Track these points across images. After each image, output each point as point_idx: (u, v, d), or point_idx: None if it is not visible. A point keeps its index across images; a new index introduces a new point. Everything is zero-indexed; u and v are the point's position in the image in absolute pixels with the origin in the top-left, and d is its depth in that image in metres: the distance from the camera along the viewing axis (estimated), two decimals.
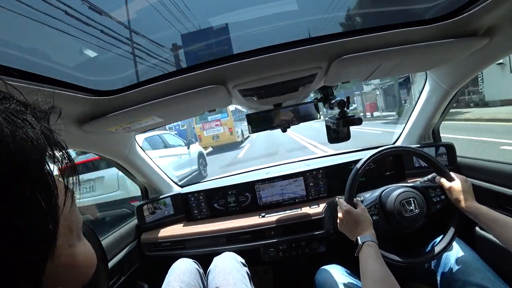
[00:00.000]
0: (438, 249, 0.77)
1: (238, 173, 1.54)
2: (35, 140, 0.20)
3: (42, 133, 0.21)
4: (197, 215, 1.29)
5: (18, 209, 0.18)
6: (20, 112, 0.20)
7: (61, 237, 0.22)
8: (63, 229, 0.23)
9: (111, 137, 0.98)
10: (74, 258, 0.25)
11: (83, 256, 0.26)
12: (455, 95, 1.05)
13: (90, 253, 0.28)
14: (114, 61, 0.80)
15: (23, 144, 0.19)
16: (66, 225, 0.24)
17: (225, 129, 11.79)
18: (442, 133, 1.25)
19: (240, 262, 0.90)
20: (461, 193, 0.75)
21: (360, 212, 0.77)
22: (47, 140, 0.21)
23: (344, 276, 0.83)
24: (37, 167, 0.20)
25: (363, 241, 0.68)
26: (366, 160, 0.83)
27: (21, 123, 0.19)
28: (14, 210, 0.18)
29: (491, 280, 0.69)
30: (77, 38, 0.71)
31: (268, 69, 0.70)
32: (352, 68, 0.74)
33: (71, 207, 0.24)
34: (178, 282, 0.78)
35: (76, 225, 0.26)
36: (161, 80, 0.68)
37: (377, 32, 0.63)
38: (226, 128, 11.79)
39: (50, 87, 0.56)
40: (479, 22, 0.63)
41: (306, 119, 0.96)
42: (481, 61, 0.81)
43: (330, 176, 1.23)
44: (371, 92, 18.06)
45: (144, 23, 0.73)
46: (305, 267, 1.12)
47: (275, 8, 0.77)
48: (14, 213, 0.18)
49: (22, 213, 0.18)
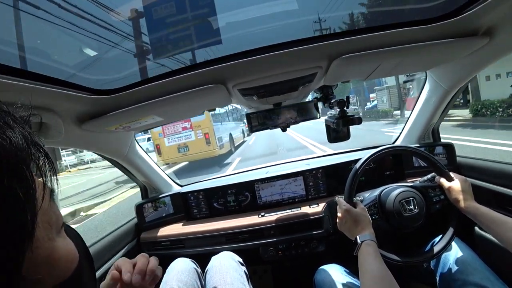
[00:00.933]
0: (437, 249, 0.77)
1: (237, 172, 1.54)
2: (13, 139, 0.22)
3: (20, 134, 0.23)
4: (196, 214, 1.30)
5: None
6: (1, 116, 0.23)
7: (40, 230, 0.24)
8: (42, 223, 0.25)
9: (111, 136, 0.98)
10: (53, 251, 0.26)
11: (63, 250, 0.28)
12: (455, 95, 1.05)
13: (70, 249, 0.29)
14: (114, 60, 0.80)
15: (1, 142, 0.21)
16: (45, 220, 0.26)
17: (198, 135, 7.41)
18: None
19: (237, 262, 0.90)
20: (461, 193, 0.75)
21: (359, 211, 0.77)
22: (25, 140, 0.23)
23: (343, 276, 0.84)
24: (15, 162, 0.22)
25: (362, 240, 0.68)
26: (366, 160, 0.83)
27: (2, 125, 0.22)
28: None
29: (490, 279, 0.69)
30: (77, 38, 0.71)
31: (268, 69, 0.69)
32: (352, 68, 0.74)
33: (49, 203, 0.26)
34: (176, 282, 0.78)
35: (56, 221, 0.28)
36: (161, 79, 0.68)
37: (377, 31, 0.63)
38: (200, 133, 7.40)
39: (50, 86, 0.56)
40: (479, 21, 0.63)
41: (306, 119, 0.96)
42: (481, 61, 0.81)
43: (330, 176, 1.23)
44: (402, 85, 14.41)
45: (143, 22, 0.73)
46: (305, 266, 1.12)
47: (275, 7, 0.77)
48: None
49: (0, 202, 0.20)
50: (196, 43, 0.77)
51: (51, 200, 0.27)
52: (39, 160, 0.25)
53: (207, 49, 0.74)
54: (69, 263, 0.28)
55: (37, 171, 0.25)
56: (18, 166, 0.22)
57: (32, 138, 0.25)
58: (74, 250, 0.30)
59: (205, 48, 0.75)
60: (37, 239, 0.23)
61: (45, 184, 0.26)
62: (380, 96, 17.65)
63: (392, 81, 15.21)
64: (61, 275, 0.27)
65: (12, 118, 0.24)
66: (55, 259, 0.26)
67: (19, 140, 0.23)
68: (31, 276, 0.23)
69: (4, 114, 0.23)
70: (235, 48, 0.67)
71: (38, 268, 0.24)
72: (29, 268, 0.23)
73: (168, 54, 0.77)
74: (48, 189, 0.26)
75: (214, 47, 0.73)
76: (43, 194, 0.25)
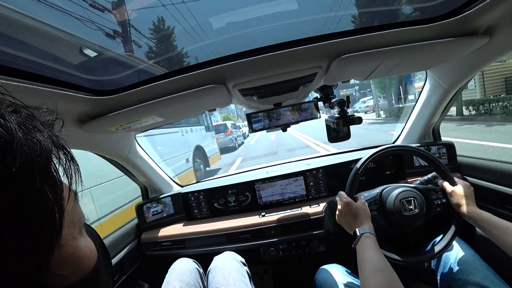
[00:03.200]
0: (438, 249, 0.77)
1: (238, 172, 1.54)
2: (43, 142, 0.23)
3: (48, 137, 0.24)
4: (197, 214, 1.30)
5: (29, 198, 0.21)
6: (29, 119, 0.24)
7: (65, 229, 0.25)
8: (67, 222, 0.26)
9: (111, 137, 0.98)
10: (77, 249, 0.28)
11: (85, 249, 0.29)
12: (455, 94, 1.05)
13: (91, 247, 0.31)
14: (114, 61, 0.80)
15: (32, 145, 0.22)
16: (70, 219, 0.27)
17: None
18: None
19: (240, 262, 0.90)
20: (463, 198, 0.75)
21: (359, 205, 0.77)
22: (52, 143, 0.25)
23: (344, 276, 0.83)
24: (44, 164, 0.23)
25: (362, 232, 0.68)
26: (367, 159, 0.83)
27: (32, 128, 0.23)
28: (25, 199, 0.21)
29: (491, 279, 0.69)
30: (77, 37, 0.71)
31: (268, 69, 0.70)
32: (352, 68, 0.74)
33: (74, 203, 0.28)
34: (178, 282, 0.78)
35: (79, 221, 0.29)
36: (161, 80, 0.68)
37: (376, 31, 0.63)
38: None
39: (51, 87, 0.56)
40: (479, 21, 0.63)
41: (306, 119, 0.96)
42: (481, 60, 0.81)
43: (331, 176, 1.23)
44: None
45: (144, 23, 0.73)
46: (305, 266, 1.12)
47: (275, 7, 0.77)
48: (26, 201, 0.21)
49: (32, 202, 0.22)
50: (196, 43, 0.77)
51: (75, 201, 0.28)
52: (66, 162, 0.26)
53: (207, 50, 0.74)
54: (90, 260, 0.30)
55: (63, 173, 0.26)
56: (47, 168, 0.23)
57: (59, 141, 0.26)
58: (94, 248, 0.31)
59: (205, 49, 0.75)
60: (63, 237, 0.25)
61: (70, 184, 0.27)
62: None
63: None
64: (82, 272, 0.28)
65: (40, 122, 0.25)
66: (78, 257, 0.28)
67: (48, 143, 0.24)
68: (58, 272, 0.24)
69: (32, 118, 0.25)
70: (235, 48, 0.67)
71: (63, 265, 0.25)
72: (55, 264, 0.24)
73: (168, 55, 0.77)
74: (72, 190, 0.27)
75: (214, 47, 0.74)
76: (69, 194, 0.26)
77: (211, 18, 0.74)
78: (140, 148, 1.21)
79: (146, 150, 1.25)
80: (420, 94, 1.17)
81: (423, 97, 1.15)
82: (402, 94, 16.97)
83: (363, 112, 18.92)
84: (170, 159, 4.36)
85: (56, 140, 0.25)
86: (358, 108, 20.46)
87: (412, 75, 19.65)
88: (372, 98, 18.85)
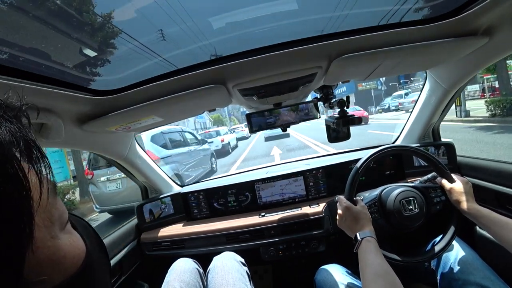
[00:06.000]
0: (438, 249, 0.77)
1: (238, 172, 1.54)
2: (1, 139, 0.21)
3: (8, 131, 0.22)
4: (197, 214, 1.30)
5: None
6: None
7: (41, 229, 0.23)
8: (43, 221, 0.24)
9: (111, 137, 0.98)
10: (58, 249, 0.25)
11: (68, 247, 0.26)
12: (455, 95, 1.05)
13: (77, 244, 0.28)
14: (114, 61, 0.80)
15: None
16: (46, 217, 0.24)
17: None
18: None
19: (239, 262, 0.90)
20: (462, 195, 0.75)
21: (359, 209, 0.77)
22: (14, 137, 0.22)
23: (344, 276, 0.83)
24: (2, 161, 0.20)
25: (363, 236, 0.68)
26: (366, 159, 0.83)
27: None
28: None
29: (491, 279, 0.69)
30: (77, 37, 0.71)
31: (268, 69, 0.70)
32: (352, 68, 0.74)
33: (48, 199, 0.25)
34: (178, 282, 0.78)
35: (59, 217, 0.27)
36: (161, 80, 0.68)
37: (376, 31, 0.63)
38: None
39: (50, 87, 0.56)
40: (479, 21, 0.63)
41: (306, 119, 0.96)
42: (481, 60, 0.81)
43: (330, 176, 1.23)
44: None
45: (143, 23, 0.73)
46: (305, 266, 1.12)
47: (275, 7, 0.77)
48: None
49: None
50: (196, 44, 0.77)
51: (52, 196, 0.25)
52: (32, 156, 0.23)
53: (207, 50, 0.74)
54: (75, 259, 0.27)
55: (29, 167, 0.23)
56: (5, 166, 0.20)
57: (22, 132, 0.23)
58: (81, 244, 0.29)
59: (205, 49, 0.75)
60: (38, 239, 0.22)
61: (41, 181, 0.24)
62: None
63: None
64: (67, 272, 0.26)
65: (2, 115, 0.22)
66: (60, 257, 0.25)
67: (5, 136, 0.21)
68: (34, 278, 0.22)
69: None
70: (235, 48, 0.67)
71: (42, 269, 0.23)
72: (32, 270, 0.21)
73: (168, 55, 0.77)
74: (46, 185, 0.24)
75: (214, 47, 0.73)
76: (40, 191, 0.23)
77: (211, 18, 0.73)
78: (140, 148, 1.21)
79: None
80: (420, 94, 1.17)
81: (423, 97, 1.15)
82: None
83: (404, 110, 13.66)
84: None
85: (17, 132, 0.22)
86: (390, 104, 15.21)
87: None
88: (409, 91, 13.00)
